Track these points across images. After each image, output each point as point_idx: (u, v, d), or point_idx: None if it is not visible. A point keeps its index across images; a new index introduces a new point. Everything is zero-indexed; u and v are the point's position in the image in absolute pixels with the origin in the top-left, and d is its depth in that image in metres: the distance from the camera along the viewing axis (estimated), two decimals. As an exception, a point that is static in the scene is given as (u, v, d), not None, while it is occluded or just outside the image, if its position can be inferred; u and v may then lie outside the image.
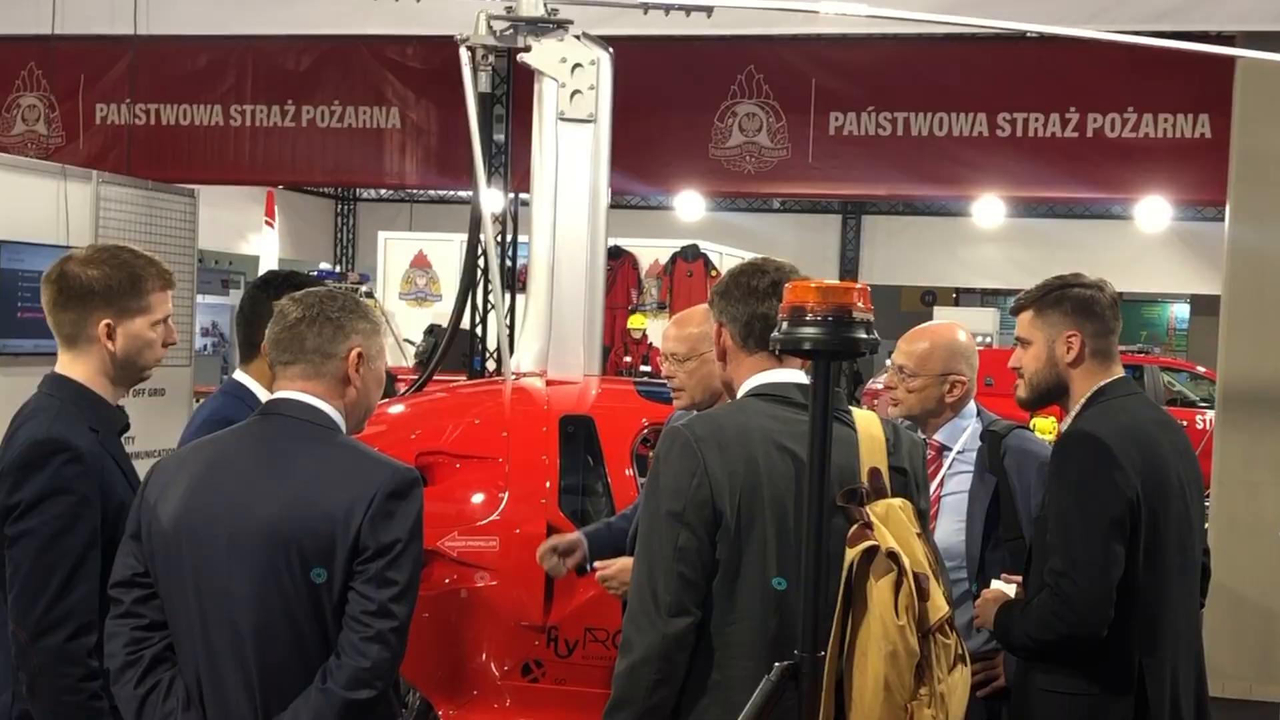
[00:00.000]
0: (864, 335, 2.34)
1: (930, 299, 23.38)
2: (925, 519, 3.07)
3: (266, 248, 7.21)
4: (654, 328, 14.64)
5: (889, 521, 2.89)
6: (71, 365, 3.24)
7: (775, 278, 3.06)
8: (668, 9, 5.66)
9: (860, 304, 2.31)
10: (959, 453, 4.00)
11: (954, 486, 3.96)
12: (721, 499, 2.86)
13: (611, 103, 5.49)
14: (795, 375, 3.05)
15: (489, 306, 10.86)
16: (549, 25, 5.30)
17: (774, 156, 10.91)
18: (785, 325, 2.38)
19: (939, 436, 4.02)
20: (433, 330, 12.58)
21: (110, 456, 3.19)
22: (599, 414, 5.06)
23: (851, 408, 3.07)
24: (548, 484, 4.79)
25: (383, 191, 22.02)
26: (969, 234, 20.31)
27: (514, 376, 5.37)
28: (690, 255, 14.91)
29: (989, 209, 17.51)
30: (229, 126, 11.41)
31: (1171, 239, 19.47)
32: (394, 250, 14.91)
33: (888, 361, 4.23)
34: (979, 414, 4.11)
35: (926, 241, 21.12)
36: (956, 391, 4.02)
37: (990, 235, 19.99)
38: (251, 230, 18.80)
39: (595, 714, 4.59)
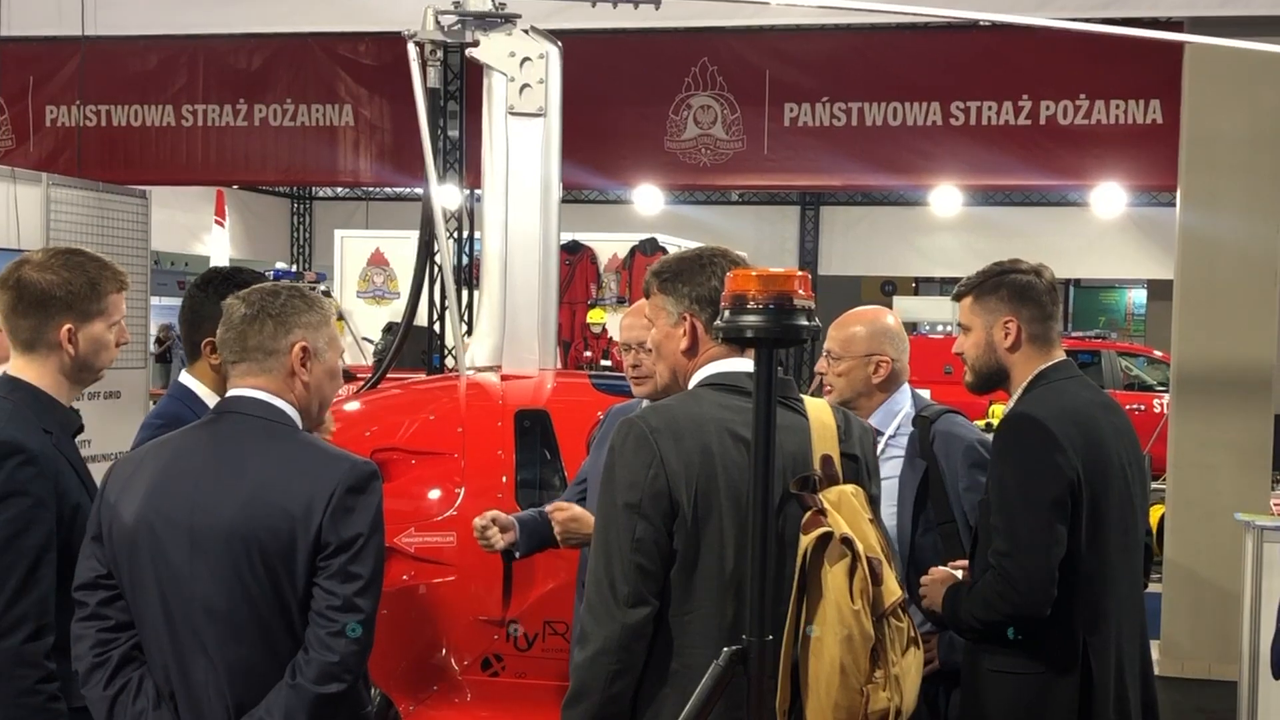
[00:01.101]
0: (805, 322, 2.35)
1: (890, 289, 23.49)
2: (877, 505, 3.09)
3: (217, 247, 7.14)
4: (614, 322, 14.61)
5: (842, 508, 2.90)
6: (26, 368, 3.22)
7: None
8: (615, 1, 5.65)
9: (801, 291, 2.32)
10: (890, 437, 4.01)
11: (886, 471, 3.95)
12: (678, 489, 2.85)
13: (562, 96, 5.48)
14: (746, 364, 3.05)
15: (445, 303, 10.84)
16: (497, 20, 5.29)
17: (729, 148, 10.94)
18: (727, 314, 2.38)
19: (872, 420, 4.02)
20: (391, 328, 12.51)
21: (65, 458, 3.17)
22: (554, 408, 5.06)
23: (803, 395, 3.08)
24: (504, 478, 4.79)
25: (339, 190, 21.96)
26: (927, 223, 20.41)
27: (469, 372, 5.36)
28: (649, 249, 14.86)
29: (946, 198, 17.59)
30: (181, 127, 11.36)
31: (1128, 225, 19.63)
32: (351, 249, 14.81)
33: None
34: (913, 398, 4.14)
35: (885, 231, 21.22)
36: (882, 371, 4.04)
37: (948, 224, 20.09)
38: (205, 230, 18.69)
39: (556, 707, 4.60)
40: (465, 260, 10.97)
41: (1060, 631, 3.40)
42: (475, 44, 5.29)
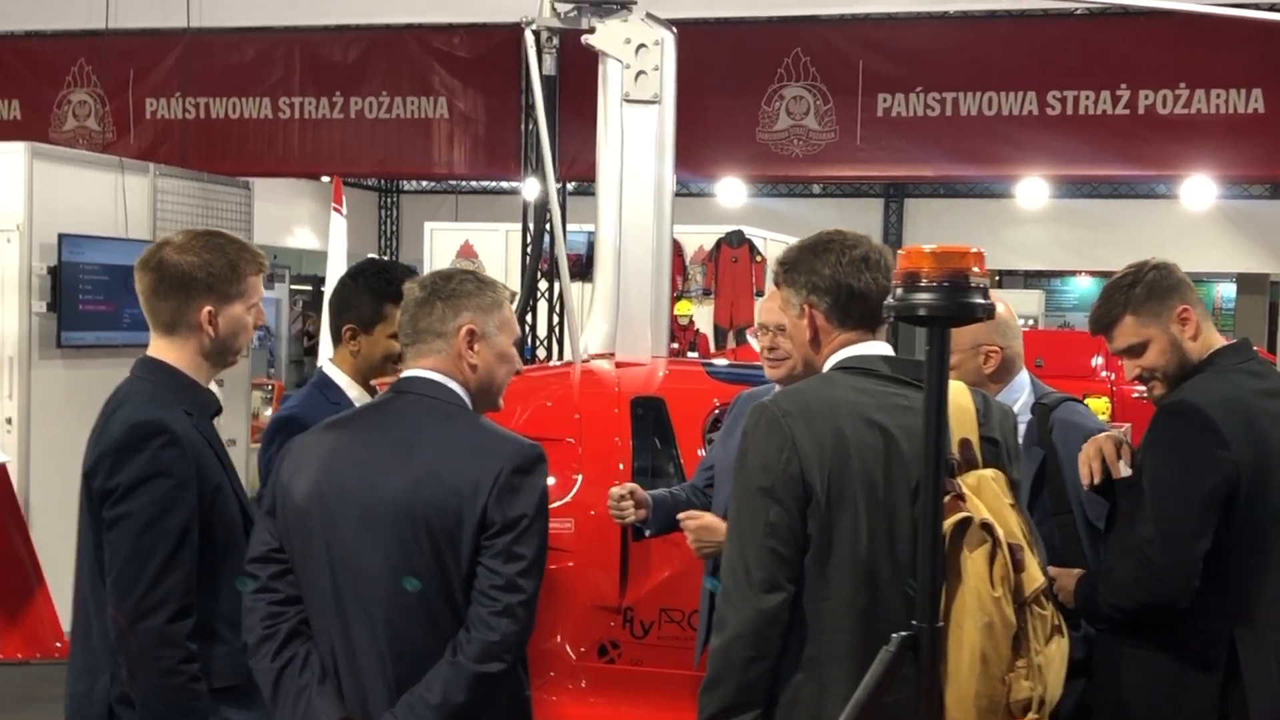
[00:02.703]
0: (980, 300, 2.30)
1: (973, 282, 23.23)
2: (1018, 489, 3.04)
3: (336, 234, 7.21)
4: (700, 314, 14.61)
5: (981, 492, 2.85)
6: (166, 349, 3.25)
7: (863, 251, 3.02)
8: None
9: (976, 269, 2.28)
10: None
11: None
12: (811, 473, 2.83)
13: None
14: (881, 348, 3.03)
15: (538, 294, 10.88)
16: (613, 6, 5.29)
17: (822, 139, 10.89)
18: (900, 292, 2.34)
19: None
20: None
21: (204, 439, 3.20)
22: (669, 395, 5.05)
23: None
24: (621, 465, 4.79)
25: (425, 183, 22.09)
26: (1012, 215, 20.20)
27: (585, 359, 5.37)
28: (735, 241, 14.85)
29: (1032, 190, 17.40)
30: (278, 119, 11.48)
31: (1217, 217, 19.31)
32: (440, 241, 14.90)
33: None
34: (1033, 385, 4.08)
35: (969, 224, 20.98)
36: (992, 362, 3.95)
37: (1033, 216, 19.88)
38: (296, 223, 18.88)
39: (671, 695, 4.62)
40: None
41: (1208, 623, 3.33)
42: (591, 30, 5.30)
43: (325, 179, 17.98)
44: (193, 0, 9.16)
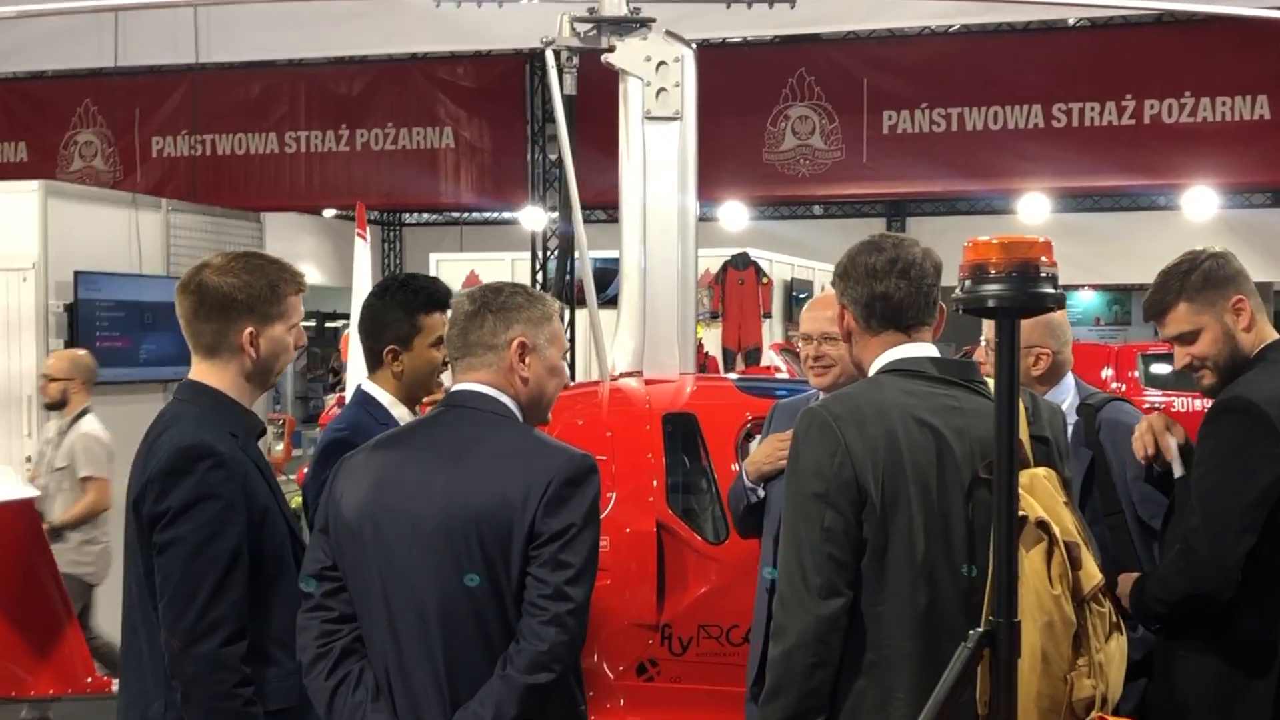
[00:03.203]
0: (1050, 290, 2.28)
1: (977, 299, 23.18)
2: (1070, 487, 3.03)
3: (360, 259, 7.21)
4: (709, 336, 14.58)
5: (1035, 491, 2.84)
6: (208, 372, 3.24)
7: (893, 254, 3.03)
8: (750, 1, 5.66)
9: (1045, 259, 2.25)
10: None
11: None
12: (865, 477, 2.82)
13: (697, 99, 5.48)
14: (927, 349, 3.03)
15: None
16: (633, 24, 5.30)
17: (828, 158, 10.94)
18: (967, 284, 2.32)
19: None
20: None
21: (251, 462, 3.18)
22: (700, 410, 5.03)
23: (988, 379, 3.04)
24: (654, 482, 4.76)
25: (427, 215, 22.11)
26: (1014, 231, 20.04)
27: (612, 377, 5.35)
28: (741, 264, 14.84)
29: (1035, 205, 17.39)
30: (284, 153, 11.53)
31: (1220, 228, 19.25)
32: (446, 271, 14.88)
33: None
34: (1077, 387, 4.06)
35: (972, 241, 20.96)
36: (1042, 364, 3.98)
37: (1036, 232, 19.15)
38: (299, 259, 18.82)
39: (711, 711, 4.58)
40: (568, 278, 10.99)
41: (1265, 622, 3.30)
42: (611, 49, 5.30)
43: (328, 214, 18.03)
44: (200, 36, 9.17)
